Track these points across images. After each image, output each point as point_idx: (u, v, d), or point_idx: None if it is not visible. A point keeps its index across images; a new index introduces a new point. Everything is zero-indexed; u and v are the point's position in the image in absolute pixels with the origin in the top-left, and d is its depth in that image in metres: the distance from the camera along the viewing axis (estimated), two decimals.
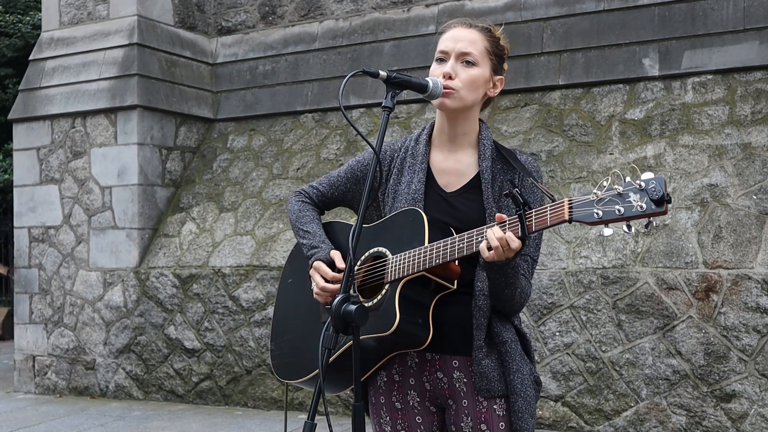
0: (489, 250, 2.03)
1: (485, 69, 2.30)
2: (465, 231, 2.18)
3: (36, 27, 12.93)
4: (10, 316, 11.89)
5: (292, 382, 2.42)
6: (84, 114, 7.84)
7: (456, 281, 2.20)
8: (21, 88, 8.36)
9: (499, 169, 2.30)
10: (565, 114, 6.56)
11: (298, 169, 7.42)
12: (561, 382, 5.71)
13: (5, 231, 13.00)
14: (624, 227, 1.88)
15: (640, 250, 5.60)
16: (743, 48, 6.10)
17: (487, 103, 2.39)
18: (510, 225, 2.02)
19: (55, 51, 8.15)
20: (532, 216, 1.99)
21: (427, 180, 2.31)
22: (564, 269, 5.75)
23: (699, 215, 5.57)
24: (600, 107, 6.47)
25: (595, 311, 5.63)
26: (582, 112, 6.51)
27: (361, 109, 7.50)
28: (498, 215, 2.06)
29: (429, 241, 2.14)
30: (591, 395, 5.62)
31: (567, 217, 1.93)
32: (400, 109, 7.25)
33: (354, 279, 2.25)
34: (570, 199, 1.94)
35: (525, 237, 2.00)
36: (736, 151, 5.74)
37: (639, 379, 5.47)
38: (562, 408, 5.71)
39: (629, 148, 6.12)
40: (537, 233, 2.23)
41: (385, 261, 2.21)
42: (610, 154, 6.17)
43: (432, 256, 2.11)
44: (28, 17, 13.61)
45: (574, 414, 5.67)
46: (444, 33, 2.35)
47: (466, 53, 2.27)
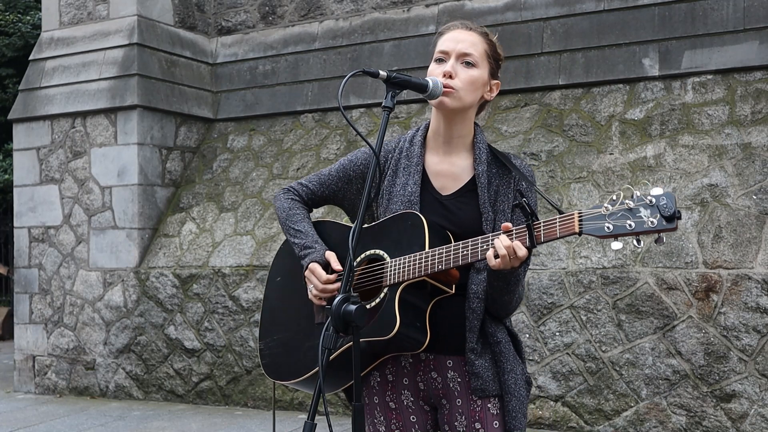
0: (495, 258, 2.04)
1: (484, 71, 2.30)
2: (461, 235, 2.20)
3: (36, 27, 12.93)
4: (10, 316, 11.89)
5: (284, 382, 2.41)
6: (84, 114, 7.84)
7: (454, 286, 2.21)
8: (21, 88, 8.36)
9: (495, 173, 2.30)
10: (565, 114, 6.56)
11: (298, 169, 7.42)
12: (561, 382, 5.71)
13: (5, 231, 13.00)
14: (633, 241, 1.90)
15: (640, 250, 5.60)
16: (743, 48, 6.10)
17: (482, 108, 2.39)
18: (517, 234, 2.03)
19: (55, 51, 8.15)
20: (540, 226, 2.00)
21: (422, 182, 2.31)
22: (564, 269, 5.75)
23: (699, 215, 5.57)
24: (600, 107, 6.47)
25: (595, 311, 5.63)
26: (582, 112, 6.52)
27: (361, 109, 7.50)
28: (504, 224, 2.06)
29: (429, 246, 2.14)
30: (591, 395, 5.62)
31: (577, 230, 1.94)
32: (400, 109, 7.25)
33: (352, 280, 2.25)
34: (580, 212, 1.95)
35: (533, 247, 2.01)
36: (736, 151, 5.74)
37: (639, 379, 5.47)
38: (562, 408, 5.71)
39: (629, 148, 6.12)
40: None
41: (383, 264, 2.21)
42: (610, 154, 6.17)
43: (434, 261, 2.12)
44: (28, 17, 13.61)
45: (574, 414, 5.67)
46: (443, 34, 2.35)
47: (466, 54, 2.27)
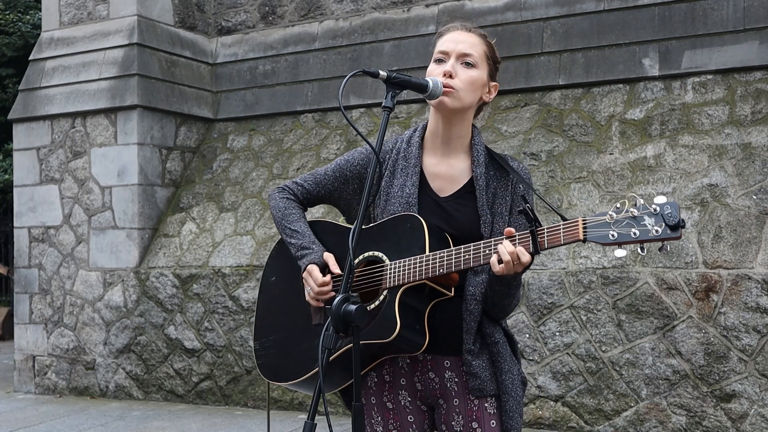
0: (499, 263, 2.04)
1: (483, 72, 2.30)
2: (458, 237, 2.21)
3: (36, 26, 12.94)
4: (10, 316, 11.89)
5: (282, 384, 2.40)
6: (84, 114, 7.84)
7: (453, 288, 2.21)
8: (21, 88, 8.36)
9: (492, 176, 2.30)
10: (565, 114, 6.56)
11: (298, 169, 7.42)
12: (561, 382, 5.71)
13: (5, 231, 13.00)
14: (638, 249, 1.92)
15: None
16: (743, 48, 6.10)
17: (480, 110, 2.38)
18: (520, 240, 2.04)
19: (55, 51, 8.15)
20: (544, 233, 2.01)
21: (420, 184, 2.31)
22: (564, 269, 5.75)
23: (699, 215, 5.57)
24: (600, 107, 6.47)
25: (595, 311, 5.63)
26: (582, 112, 6.52)
27: (361, 109, 7.50)
28: (507, 229, 2.07)
29: (430, 249, 2.14)
30: (591, 395, 5.62)
31: (582, 237, 1.95)
32: (400, 109, 7.25)
33: (351, 280, 2.25)
34: (584, 219, 1.96)
35: (537, 253, 2.02)
36: (736, 151, 5.74)
37: (639, 379, 5.47)
38: (562, 408, 5.71)
39: (629, 148, 6.12)
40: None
41: (382, 266, 2.21)
42: (610, 154, 6.17)
43: (435, 265, 2.12)
44: (28, 16, 13.61)
45: (574, 414, 5.67)
46: (442, 36, 2.35)
47: (466, 54, 2.27)
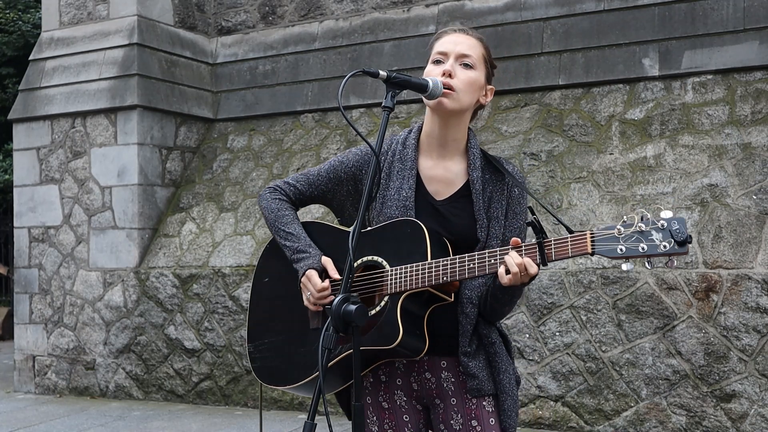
0: (507, 274, 2.04)
1: (481, 74, 2.30)
2: (454, 242, 2.21)
3: (36, 26, 12.94)
4: (10, 316, 11.89)
5: (279, 387, 2.40)
6: (84, 114, 7.84)
7: (453, 294, 2.21)
8: (21, 88, 8.36)
9: (488, 179, 2.30)
10: (565, 114, 6.56)
11: (298, 169, 7.42)
12: (561, 382, 5.71)
13: (5, 231, 13.00)
14: (646, 263, 1.94)
15: None
16: (743, 48, 6.10)
17: (475, 114, 2.38)
18: (527, 251, 2.04)
19: (55, 51, 8.15)
20: (551, 244, 2.02)
21: (416, 186, 2.30)
22: (564, 269, 5.75)
23: (699, 215, 5.57)
24: (600, 107, 6.47)
25: (595, 311, 5.63)
26: (582, 112, 6.52)
27: (361, 109, 7.50)
28: (513, 239, 2.08)
29: (432, 257, 2.14)
30: (591, 395, 5.62)
31: (590, 250, 1.97)
32: (400, 109, 7.25)
33: (351, 280, 2.24)
34: (592, 232, 1.97)
35: (544, 265, 2.03)
36: (736, 151, 5.74)
37: (639, 379, 5.47)
38: (562, 408, 5.71)
39: (629, 148, 6.12)
40: (523, 237, 2.27)
41: (382, 272, 2.20)
42: (610, 154, 6.17)
43: (438, 273, 2.11)
44: (28, 15, 13.61)
45: (574, 414, 5.67)
46: (440, 38, 2.35)
47: (465, 55, 2.27)
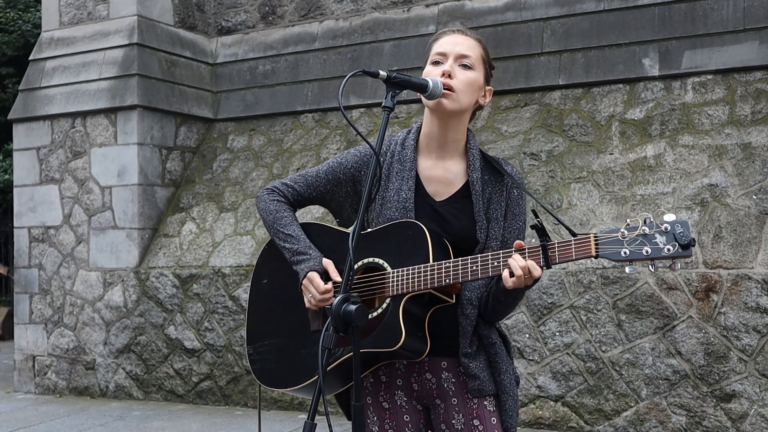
0: (511, 277, 2.05)
1: (480, 75, 2.30)
2: (454, 242, 2.21)
3: (36, 26, 12.94)
4: (10, 316, 11.89)
5: (281, 390, 2.39)
6: (84, 114, 7.84)
7: (454, 295, 2.22)
8: (21, 88, 8.36)
9: (487, 180, 2.30)
10: (565, 114, 6.56)
11: (298, 169, 7.42)
12: (561, 382, 5.71)
13: (5, 231, 13.00)
14: (650, 266, 1.96)
15: None
16: (743, 48, 6.10)
17: (474, 114, 2.37)
18: (530, 253, 2.05)
19: (55, 51, 8.15)
20: (555, 247, 2.02)
21: (416, 187, 2.29)
22: (564, 269, 5.75)
23: (699, 215, 5.57)
24: (600, 107, 6.47)
25: (595, 311, 5.63)
26: (582, 112, 6.52)
27: (361, 109, 7.50)
28: (517, 242, 2.08)
29: (433, 259, 2.14)
30: (591, 395, 5.62)
31: (594, 254, 1.98)
32: (400, 109, 7.25)
33: (351, 282, 2.24)
34: (596, 235, 1.98)
35: (548, 268, 2.04)
36: (736, 151, 5.74)
37: (639, 379, 5.48)
38: (562, 408, 5.71)
39: (629, 148, 6.12)
40: (521, 238, 2.28)
41: (383, 274, 2.20)
42: (610, 154, 6.17)
43: (441, 275, 2.11)
44: (28, 14, 13.60)
45: (574, 414, 5.67)
46: (438, 39, 2.34)
47: (465, 56, 2.27)
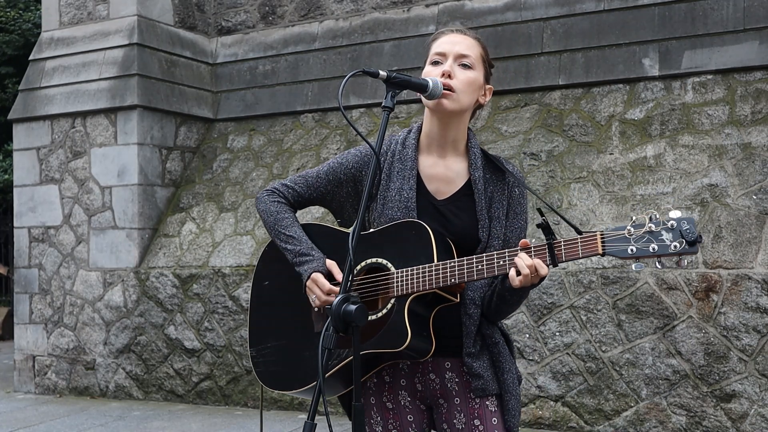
0: (518, 275, 2.05)
1: (480, 74, 2.30)
2: (455, 241, 2.21)
3: (37, 25, 12.94)
4: (10, 316, 11.89)
5: (286, 392, 2.39)
6: (84, 114, 7.84)
7: (459, 294, 2.21)
8: (21, 88, 8.36)
9: (489, 179, 2.30)
10: (565, 114, 6.56)
11: (298, 169, 7.42)
12: (561, 382, 5.71)
13: (5, 231, 13.00)
14: (656, 263, 1.95)
15: None
16: (743, 48, 6.10)
17: (474, 113, 2.37)
18: (536, 252, 2.05)
19: (55, 51, 8.15)
20: (561, 245, 2.02)
21: (417, 186, 2.29)
22: (564, 269, 5.75)
23: (699, 215, 5.57)
24: (600, 107, 6.47)
25: (595, 311, 5.63)
26: (582, 112, 6.52)
27: (361, 109, 7.50)
28: (523, 241, 2.08)
29: (438, 258, 2.13)
30: (591, 395, 5.62)
31: (600, 251, 1.98)
32: (400, 109, 7.25)
33: (351, 282, 2.24)
34: (602, 233, 1.98)
35: (555, 266, 2.04)
36: (736, 151, 5.74)
37: (639, 379, 5.48)
38: (562, 408, 5.71)
39: (629, 148, 6.12)
40: (524, 236, 2.28)
41: (387, 274, 2.19)
42: (610, 154, 6.17)
43: (446, 275, 2.11)
44: (29, 13, 13.60)
45: (574, 414, 5.67)
46: (438, 38, 2.34)
47: (464, 55, 2.27)
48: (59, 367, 7.79)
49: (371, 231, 2.28)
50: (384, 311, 2.18)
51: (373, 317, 2.18)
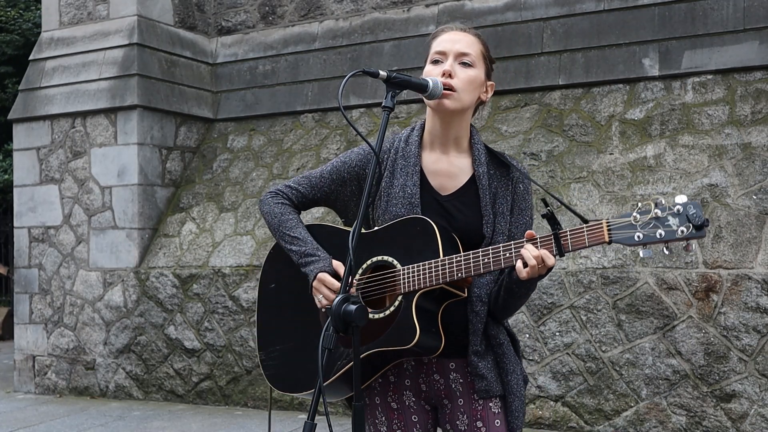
0: (525, 267, 2.04)
1: (481, 71, 2.29)
2: (460, 237, 2.20)
3: (37, 25, 12.94)
4: (10, 316, 11.89)
5: (296, 395, 2.38)
6: (84, 114, 7.84)
7: (466, 289, 2.20)
8: (21, 88, 8.36)
9: (493, 175, 2.29)
10: (565, 114, 6.56)
11: (298, 169, 7.42)
12: (561, 382, 5.71)
13: (5, 231, 13.00)
14: (664, 249, 1.94)
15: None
16: (743, 48, 6.10)
17: (476, 110, 2.37)
18: (542, 243, 2.04)
19: (55, 51, 8.15)
20: (567, 235, 2.01)
21: (421, 182, 2.29)
22: (564, 269, 5.75)
23: None
24: (600, 107, 6.47)
25: (595, 311, 5.63)
26: (582, 112, 6.52)
27: (361, 109, 7.50)
28: (528, 232, 2.07)
29: (444, 253, 2.12)
30: (591, 395, 5.62)
31: (607, 239, 1.97)
32: (400, 109, 7.25)
33: (352, 283, 2.23)
34: (608, 221, 1.98)
35: (561, 256, 2.03)
36: (736, 151, 5.74)
37: (639, 379, 5.48)
38: (562, 408, 5.71)
39: (629, 148, 6.12)
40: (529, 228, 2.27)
41: (394, 272, 2.18)
42: (610, 154, 6.17)
43: (453, 269, 2.10)
44: (29, 13, 13.60)
45: (574, 414, 5.67)
46: (438, 36, 2.33)
47: (464, 53, 2.26)
48: (59, 367, 7.79)
49: (376, 229, 2.27)
50: (392, 309, 2.17)
51: (381, 315, 2.17)
